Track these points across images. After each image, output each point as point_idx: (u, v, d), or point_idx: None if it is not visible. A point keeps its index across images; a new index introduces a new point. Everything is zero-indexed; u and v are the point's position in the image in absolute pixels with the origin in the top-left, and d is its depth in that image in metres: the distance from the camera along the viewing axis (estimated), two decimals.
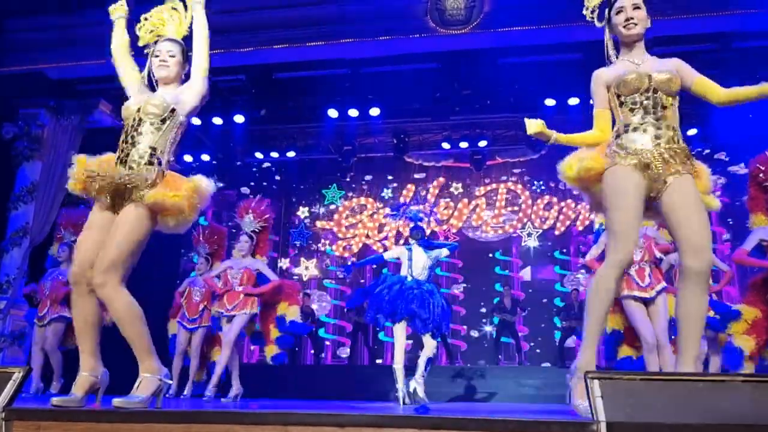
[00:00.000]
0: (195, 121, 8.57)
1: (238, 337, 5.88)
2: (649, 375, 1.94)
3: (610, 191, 2.58)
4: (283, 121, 9.65)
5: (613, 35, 2.79)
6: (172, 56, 2.94)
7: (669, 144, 2.58)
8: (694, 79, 2.69)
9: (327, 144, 10.44)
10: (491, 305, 10.33)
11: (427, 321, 5.31)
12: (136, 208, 2.68)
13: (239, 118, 9.00)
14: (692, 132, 8.68)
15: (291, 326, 5.95)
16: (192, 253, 8.76)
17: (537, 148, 10.04)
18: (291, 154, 10.61)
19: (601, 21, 2.83)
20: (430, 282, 5.65)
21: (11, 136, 8.25)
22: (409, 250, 5.68)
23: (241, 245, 5.91)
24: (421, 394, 5.36)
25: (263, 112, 8.95)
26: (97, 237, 2.72)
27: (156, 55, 2.94)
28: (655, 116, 2.61)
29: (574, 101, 8.08)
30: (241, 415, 2.08)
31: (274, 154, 10.71)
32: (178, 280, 8.11)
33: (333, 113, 8.86)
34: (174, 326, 6.73)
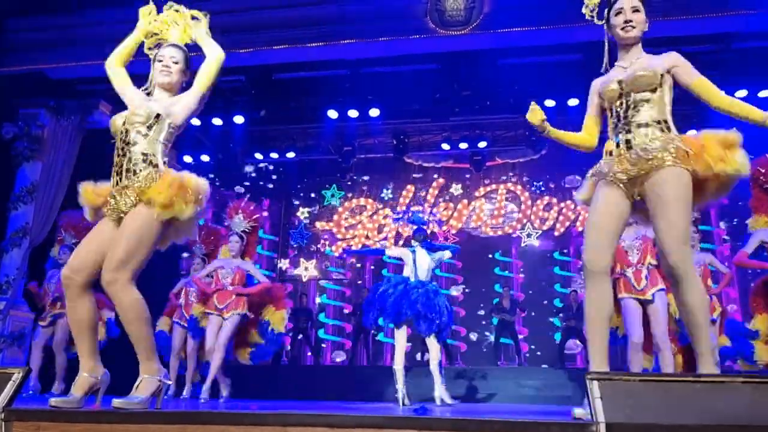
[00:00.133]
0: (195, 121, 8.57)
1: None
2: (648, 376, 1.94)
3: (590, 205, 2.68)
4: (283, 122, 9.65)
5: (611, 36, 2.79)
6: (176, 63, 2.92)
7: (641, 141, 2.55)
8: (693, 79, 2.65)
9: (327, 145, 10.44)
10: (491, 306, 10.32)
11: (432, 322, 5.32)
12: (140, 208, 2.69)
13: (239, 119, 8.99)
14: (692, 133, 8.65)
15: (270, 337, 5.89)
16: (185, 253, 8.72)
17: (537, 148, 10.05)
18: (291, 154, 10.60)
19: (600, 20, 2.82)
20: (433, 284, 5.67)
21: (11, 136, 8.25)
22: (412, 252, 5.68)
23: (231, 245, 5.88)
24: (448, 399, 5.38)
25: (263, 113, 8.95)
26: (95, 245, 2.73)
27: (159, 60, 2.92)
28: (626, 120, 2.61)
29: (573, 102, 8.06)
30: (239, 416, 2.08)
31: (274, 155, 10.70)
32: (177, 280, 8.07)
33: (333, 114, 8.86)
34: (163, 323, 6.67)
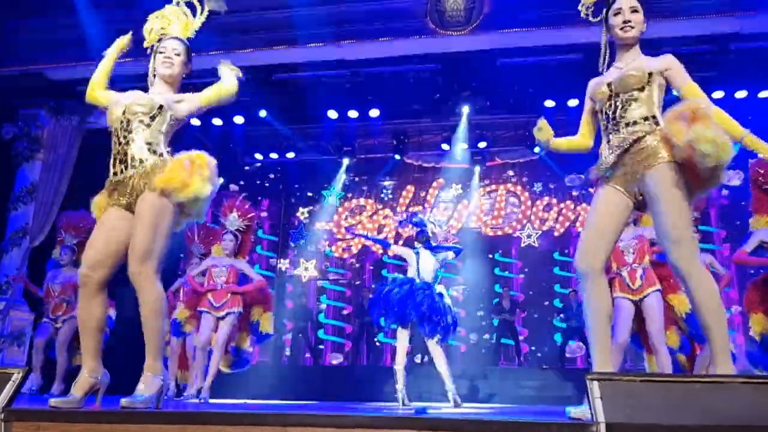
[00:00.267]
0: (195, 121, 8.58)
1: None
2: (649, 376, 1.94)
3: (589, 209, 2.72)
4: (283, 122, 9.65)
5: (609, 36, 2.78)
6: (177, 55, 2.95)
7: (626, 140, 2.55)
8: (683, 85, 2.61)
9: (327, 145, 10.44)
10: (490, 306, 10.32)
11: (437, 324, 5.31)
12: (151, 196, 2.69)
13: (239, 119, 8.99)
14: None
15: (257, 337, 5.94)
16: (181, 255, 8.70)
17: (537, 148, 10.05)
18: (290, 155, 10.60)
19: (596, 17, 2.82)
20: (433, 284, 5.66)
21: (11, 136, 8.26)
22: (416, 254, 5.66)
23: (225, 243, 5.80)
24: (458, 400, 5.36)
25: (263, 113, 8.95)
26: (104, 238, 2.73)
27: (161, 52, 2.95)
28: (615, 121, 2.61)
29: (573, 102, 8.07)
30: (239, 416, 2.08)
31: (274, 155, 10.70)
32: (175, 280, 8.06)
33: (333, 114, 8.86)
34: None
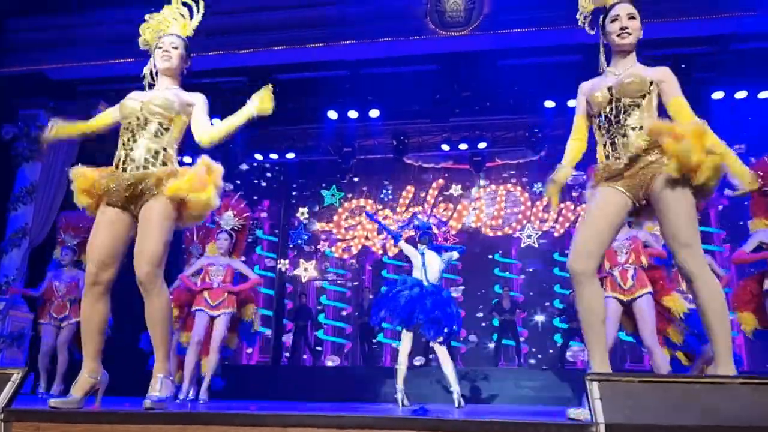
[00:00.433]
0: None
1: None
2: (648, 377, 1.94)
3: (586, 208, 2.68)
4: (283, 123, 9.61)
5: (606, 42, 2.79)
6: (175, 48, 3.00)
7: (631, 144, 2.56)
8: (671, 98, 2.62)
9: (327, 145, 10.44)
10: (490, 307, 10.32)
11: (443, 327, 5.33)
12: (160, 202, 2.71)
13: None
14: None
15: (244, 338, 5.95)
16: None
17: (537, 149, 10.03)
18: (290, 155, 10.59)
19: (593, 28, 2.84)
20: (444, 288, 5.68)
21: (11, 136, 8.25)
22: (421, 254, 5.65)
23: (220, 243, 5.74)
24: (462, 402, 5.34)
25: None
26: (107, 236, 2.74)
27: (159, 47, 3.00)
28: (618, 125, 2.62)
29: (573, 103, 7.97)
30: (239, 416, 2.08)
31: (274, 156, 10.68)
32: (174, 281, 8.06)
33: (333, 115, 8.86)
34: None
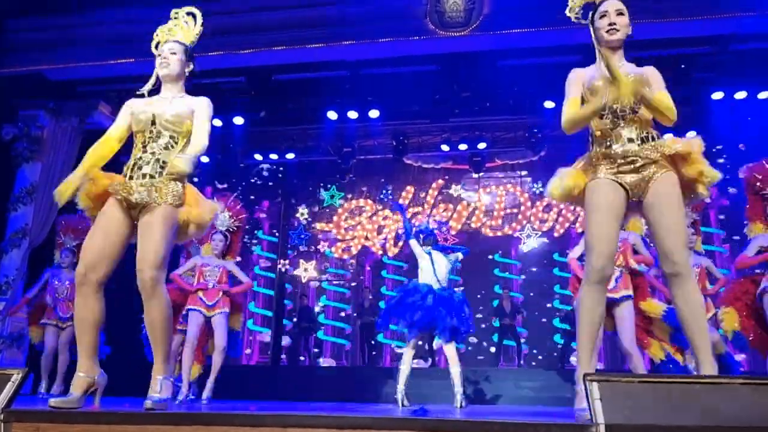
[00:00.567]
0: None
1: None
2: (648, 377, 1.94)
3: (588, 206, 2.59)
4: (283, 123, 9.64)
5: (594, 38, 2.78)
6: (173, 53, 3.02)
7: (643, 144, 2.56)
8: (656, 93, 2.60)
9: (326, 146, 10.43)
10: (490, 308, 10.31)
11: (457, 330, 5.34)
12: (163, 208, 2.74)
13: (239, 120, 8.98)
14: (690, 134, 8.65)
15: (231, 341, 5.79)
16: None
17: (536, 149, 10.04)
18: (290, 155, 10.57)
19: (585, 21, 2.82)
20: (452, 289, 5.68)
21: (11, 137, 8.25)
22: (428, 254, 5.63)
23: (215, 243, 5.69)
24: (464, 403, 5.34)
25: (263, 114, 8.94)
26: (102, 238, 2.74)
27: (159, 55, 3.04)
28: (625, 119, 2.60)
29: None
30: (239, 416, 2.07)
31: (274, 156, 10.67)
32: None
33: (332, 115, 8.86)
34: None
